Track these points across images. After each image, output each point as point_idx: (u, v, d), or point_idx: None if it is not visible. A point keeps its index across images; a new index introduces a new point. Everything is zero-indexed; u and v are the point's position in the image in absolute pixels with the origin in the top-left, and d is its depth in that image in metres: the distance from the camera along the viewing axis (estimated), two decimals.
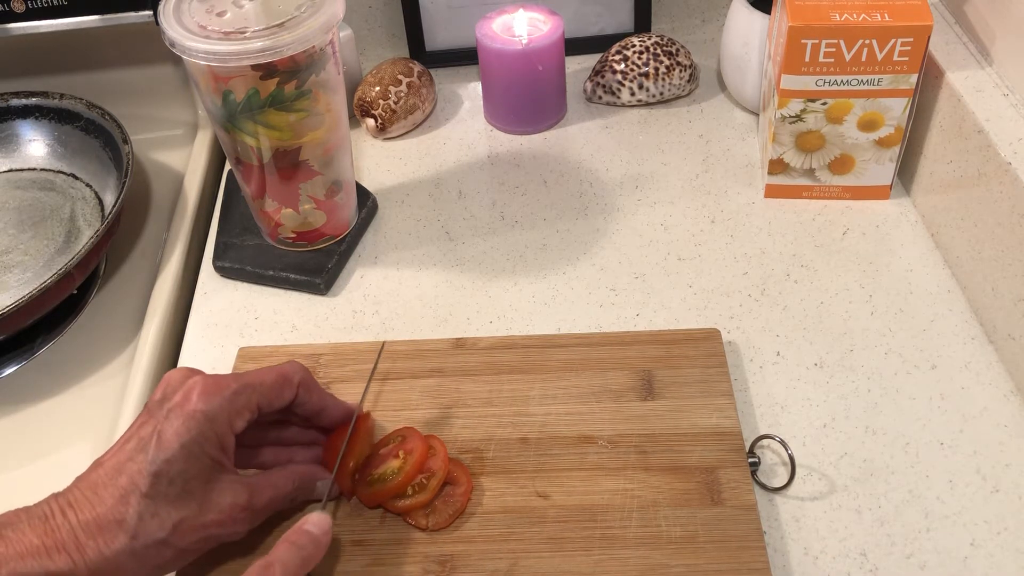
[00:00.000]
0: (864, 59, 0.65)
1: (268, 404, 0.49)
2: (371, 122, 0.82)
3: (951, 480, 0.54)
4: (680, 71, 0.83)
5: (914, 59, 0.65)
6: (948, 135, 0.67)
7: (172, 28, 0.59)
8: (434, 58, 0.90)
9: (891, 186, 0.73)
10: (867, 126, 0.69)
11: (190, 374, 0.48)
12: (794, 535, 0.52)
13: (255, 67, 0.58)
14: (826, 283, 0.67)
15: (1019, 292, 0.58)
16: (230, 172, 0.79)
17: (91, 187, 0.77)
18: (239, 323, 0.68)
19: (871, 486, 0.54)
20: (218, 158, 0.85)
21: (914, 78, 0.66)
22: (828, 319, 0.64)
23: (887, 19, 0.64)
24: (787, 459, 0.55)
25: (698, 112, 0.84)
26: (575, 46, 0.89)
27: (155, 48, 0.80)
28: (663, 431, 0.56)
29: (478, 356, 0.61)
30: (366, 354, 0.61)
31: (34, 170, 0.79)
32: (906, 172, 0.74)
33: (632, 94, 0.83)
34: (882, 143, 0.70)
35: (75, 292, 0.68)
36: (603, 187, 0.77)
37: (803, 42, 0.65)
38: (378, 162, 0.81)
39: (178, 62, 0.81)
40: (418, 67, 0.84)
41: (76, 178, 0.78)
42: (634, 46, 0.83)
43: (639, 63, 0.82)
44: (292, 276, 0.69)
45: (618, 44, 0.84)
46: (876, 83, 0.66)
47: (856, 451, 0.56)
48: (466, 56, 0.90)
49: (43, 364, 0.67)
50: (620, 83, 0.83)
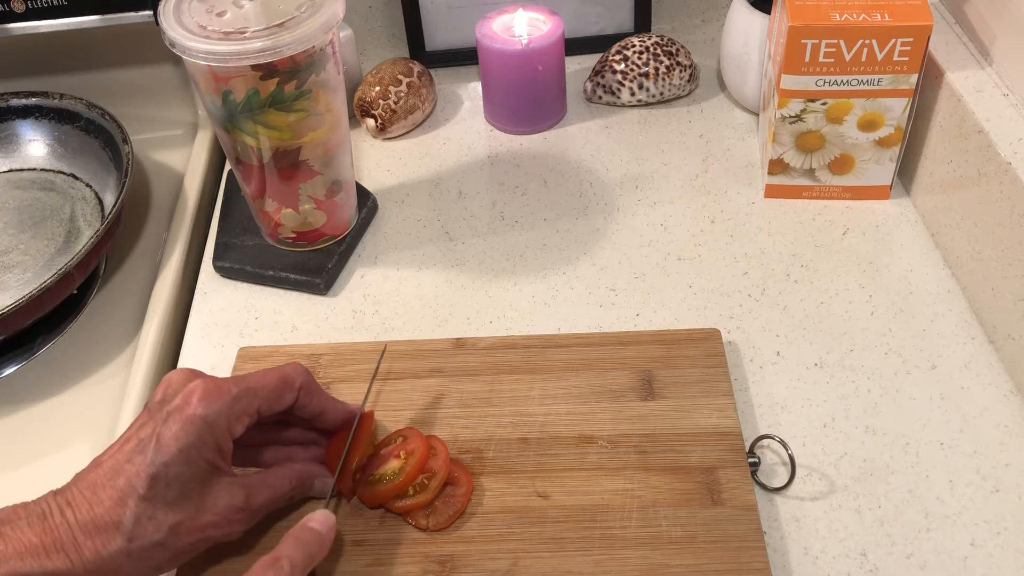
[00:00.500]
0: (864, 59, 0.65)
1: (268, 408, 0.49)
2: (371, 122, 0.82)
3: (951, 480, 0.54)
4: (680, 71, 0.83)
5: (914, 59, 0.65)
6: (948, 135, 0.67)
7: (172, 28, 0.59)
8: (434, 58, 0.90)
9: (891, 186, 0.73)
10: (867, 126, 0.69)
11: (191, 376, 0.48)
12: (794, 535, 0.52)
13: (255, 67, 0.58)
14: (826, 283, 0.67)
15: (1019, 292, 0.58)
16: (230, 172, 0.79)
17: (91, 187, 0.77)
18: (239, 323, 0.68)
19: (871, 486, 0.54)
20: (218, 158, 0.85)
21: (914, 78, 0.66)
22: (828, 319, 0.64)
23: (887, 19, 0.64)
24: (787, 459, 0.55)
25: (698, 112, 0.84)
26: (575, 46, 0.89)
27: (155, 48, 0.80)
28: (663, 431, 0.56)
29: (478, 356, 0.61)
30: (366, 354, 0.61)
31: (34, 170, 0.79)
32: (906, 172, 0.74)
33: (632, 94, 0.83)
34: (882, 143, 0.70)
35: (75, 292, 0.68)
36: (603, 187, 0.77)
37: (803, 42, 0.65)
38: (378, 162, 0.81)
39: (178, 62, 0.81)
40: (418, 67, 0.84)
41: (76, 178, 0.78)
42: (634, 46, 0.83)
43: (639, 63, 0.82)
44: (292, 276, 0.69)
45: (618, 44, 0.84)
46: (876, 83, 0.66)
47: (856, 451, 0.56)
48: (466, 56, 0.90)
49: (43, 364, 0.67)
50: (620, 83, 0.83)
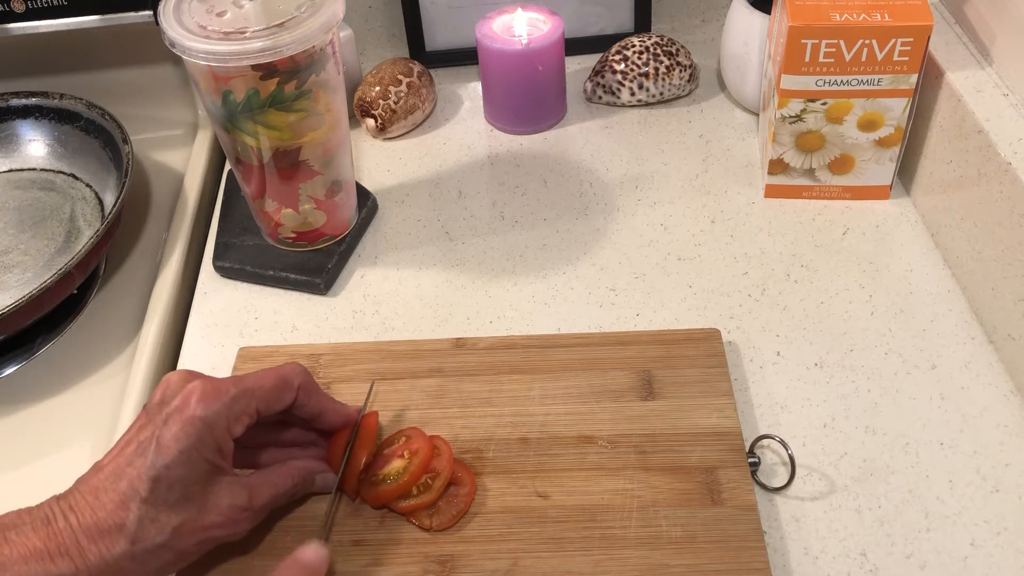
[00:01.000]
0: (864, 59, 0.65)
1: (267, 408, 0.49)
2: (371, 122, 0.82)
3: (951, 480, 0.54)
4: (680, 71, 0.83)
5: (914, 59, 0.65)
6: (948, 135, 0.67)
7: (172, 28, 0.59)
8: (434, 58, 0.90)
9: (891, 186, 0.73)
10: (867, 126, 0.69)
11: (189, 377, 0.48)
12: (794, 535, 0.52)
13: (255, 67, 0.58)
14: (826, 283, 0.67)
15: (1019, 292, 0.58)
16: (230, 172, 0.79)
17: (91, 187, 0.77)
18: (239, 323, 0.68)
19: (871, 486, 0.54)
20: (218, 158, 0.85)
21: (914, 78, 0.66)
22: (828, 319, 0.64)
23: (887, 19, 0.64)
24: (787, 459, 0.55)
25: (698, 112, 0.84)
26: (575, 46, 0.89)
27: (155, 48, 0.80)
28: (663, 431, 0.56)
29: (478, 356, 0.61)
30: (366, 354, 0.61)
31: (34, 170, 0.79)
32: (906, 172, 0.74)
33: (632, 94, 0.83)
34: (882, 143, 0.70)
35: (75, 292, 0.68)
36: (603, 187, 0.77)
37: (803, 42, 0.65)
38: (378, 162, 0.81)
39: (178, 62, 0.81)
40: (418, 67, 0.84)
41: (76, 178, 0.78)
42: (634, 46, 0.83)
43: (639, 63, 0.82)
44: (292, 276, 0.69)
45: (618, 44, 0.84)
46: (876, 83, 0.66)
47: (856, 451, 0.56)
48: (466, 56, 0.90)
49: (43, 364, 0.67)
50: (620, 83, 0.83)
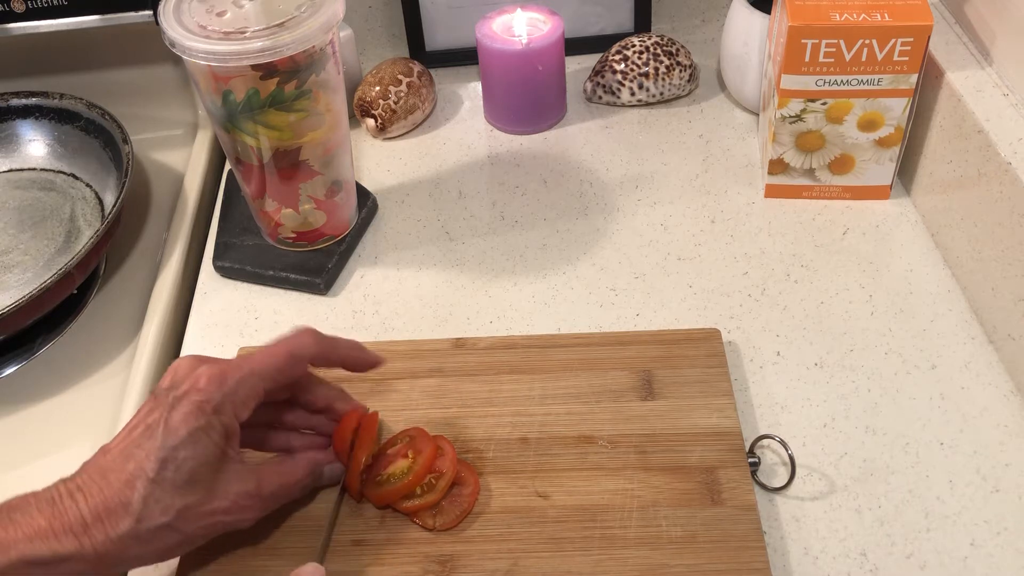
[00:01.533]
0: (864, 59, 0.65)
1: (276, 386, 0.50)
2: (371, 122, 0.82)
3: (951, 480, 0.54)
4: (680, 71, 0.83)
5: (914, 59, 0.65)
6: (948, 135, 0.67)
7: (172, 28, 0.59)
8: (434, 58, 0.90)
9: (891, 186, 0.73)
10: (867, 126, 0.69)
11: (197, 363, 0.48)
12: (794, 535, 0.52)
13: (255, 67, 0.58)
14: (826, 283, 0.67)
15: (1019, 292, 0.58)
16: (230, 172, 0.79)
17: (91, 187, 0.77)
18: (239, 323, 0.68)
19: (871, 486, 0.54)
20: (218, 158, 0.85)
21: (914, 78, 0.66)
22: (828, 319, 0.64)
23: (887, 19, 0.64)
24: (787, 459, 0.55)
25: (698, 112, 0.84)
26: (575, 46, 0.89)
27: (155, 48, 0.80)
28: (663, 431, 0.56)
29: (478, 356, 0.61)
30: None
31: (34, 170, 0.79)
32: (906, 172, 0.74)
33: (632, 94, 0.83)
34: (882, 143, 0.70)
35: (75, 292, 0.68)
36: (603, 187, 0.77)
37: (803, 42, 0.65)
38: (378, 162, 0.81)
39: (178, 62, 0.81)
40: (418, 67, 0.84)
41: (76, 178, 0.78)
42: (634, 46, 0.83)
43: (639, 63, 0.82)
44: (292, 276, 0.69)
45: (618, 44, 0.84)
46: (876, 83, 0.66)
47: (856, 451, 0.56)
48: (466, 56, 0.90)
49: (43, 364, 0.67)
50: (620, 83, 0.83)
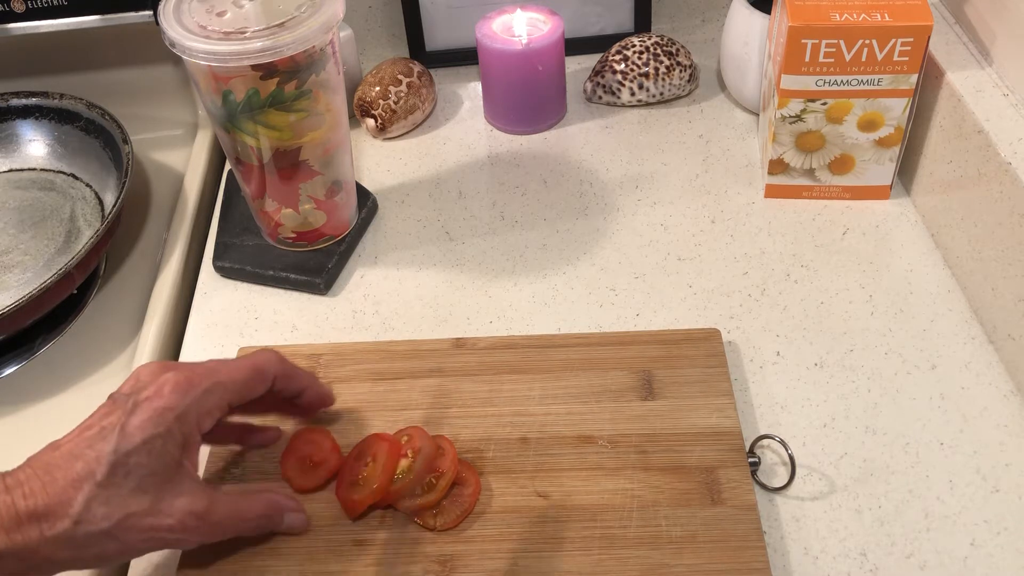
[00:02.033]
0: (864, 59, 0.65)
1: (240, 400, 0.49)
2: (371, 122, 0.82)
3: (951, 480, 0.54)
4: (680, 71, 0.83)
5: (914, 59, 0.65)
6: (948, 135, 0.67)
7: (172, 28, 0.59)
8: (434, 58, 0.90)
9: (891, 186, 0.73)
10: (867, 126, 0.69)
11: (163, 370, 0.47)
12: (794, 535, 0.52)
13: (255, 67, 0.58)
14: (826, 283, 0.67)
15: (1019, 292, 0.58)
16: (230, 172, 0.79)
17: (91, 187, 0.77)
18: (239, 323, 0.68)
19: (871, 486, 0.54)
20: (218, 158, 0.85)
21: (914, 78, 0.66)
22: (828, 319, 0.64)
23: (887, 19, 0.64)
24: (787, 459, 0.55)
25: (698, 112, 0.84)
26: (575, 46, 0.89)
27: (155, 48, 0.80)
28: (663, 431, 0.56)
29: (478, 356, 0.61)
30: (366, 354, 0.61)
31: (34, 170, 0.79)
32: (906, 172, 0.74)
33: (632, 94, 0.83)
34: (882, 143, 0.70)
35: (75, 292, 0.68)
36: (603, 187, 0.77)
37: (803, 42, 0.65)
38: (378, 162, 0.81)
39: (178, 62, 0.81)
40: (418, 67, 0.84)
41: (76, 178, 0.78)
42: (634, 46, 0.83)
43: (639, 63, 0.82)
44: (292, 276, 0.69)
45: (618, 44, 0.84)
46: (876, 83, 0.66)
47: (856, 451, 0.56)
48: (466, 56, 0.90)
49: (43, 364, 0.67)
50: (620, 83, 0.83)
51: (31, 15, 0.77)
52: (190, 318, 0.69)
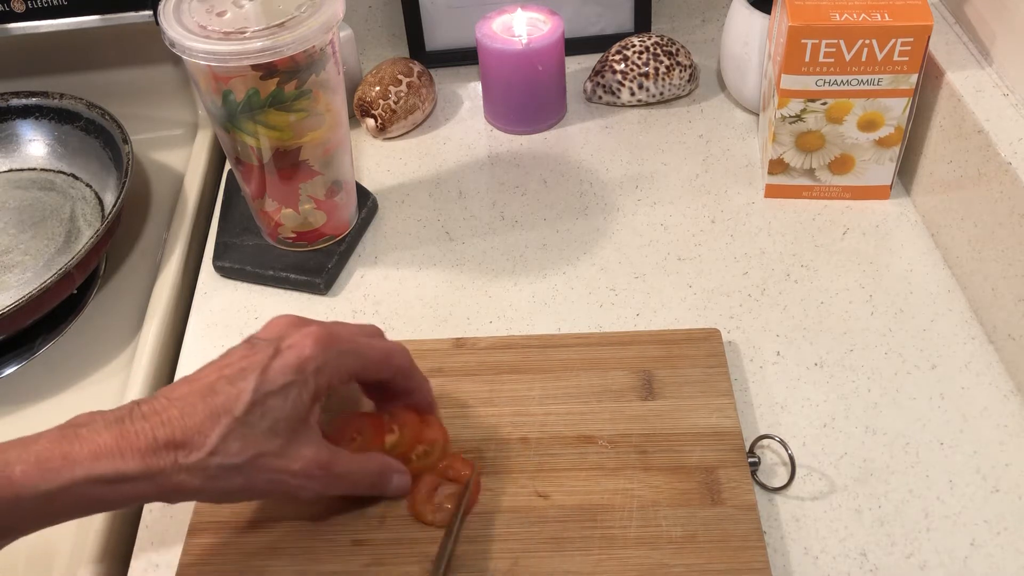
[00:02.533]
0: (864, 59, 0.65)
1: (365, 375, 0.50)
2: (371, 122, 0.82)
3: (951, 480, 0.54)
4: (680, 71, 0.83)
5: (914, 59, 0.65)
6: (948, 135, 0.67)
7: (172, 28, 0.59)
8: (434, 58, 0.90)
9: (891, 186, 0.73)
10: (867, 126, 0.69)
11: (301, 323, 0.48)
12: (794, 535, 0.52)
13: (255, 67, 0.58)
14: (826, 283, 0.67)
15: (1019, 292, 0.58)
16: (230, 172, 0.79)
17: (91, 187, 0.77)
18: (239, 323, 0.68)
19: (871, 486, 0.54)
20: (218, 158, 0.85)
21: (914, 78, 0.66)
22: (828, 319, 0.64)
23: (887, 19, 0.64)
24: (787, 459, 0.55)
25: (698, 112, 0.84)
26: (575, 46, 0.89)
27: (155, 48, 0.80)
28: (663, 431, 0.56)
29: (478, 356, 0.61)
30: None
31: (34, 170, 0.79)
32: (906, 172, 0.74)
33: (632, 94, 0.83)
34: (882, 143, 0.70)
35: (75, 292, 0.68)
36: (603, 187, 0.77)
37: (803, 42, 0.65)
38: (378, 162, 0.81)
39: (178, 62, 0.81)
40: (418, 67, 0.84)
41: (76, 178, 0.78)
42: (634, 46, 0.83)
43: (639, 63, 0.82)
44: (292, 276, 0.69)
45: (618, 44, 0.84)
46: (876, 83, 0.66)
47: (856, 451, 0.56)
48: (466, 56, 0.90)
49: (43, 364, 0.67)
50: (620, 83, 0.83)
51: (31, 15, 0.77)
52: (190, 318, 0.69)
